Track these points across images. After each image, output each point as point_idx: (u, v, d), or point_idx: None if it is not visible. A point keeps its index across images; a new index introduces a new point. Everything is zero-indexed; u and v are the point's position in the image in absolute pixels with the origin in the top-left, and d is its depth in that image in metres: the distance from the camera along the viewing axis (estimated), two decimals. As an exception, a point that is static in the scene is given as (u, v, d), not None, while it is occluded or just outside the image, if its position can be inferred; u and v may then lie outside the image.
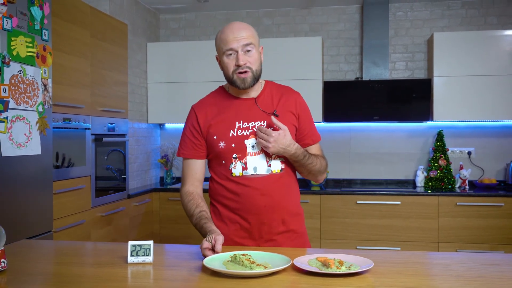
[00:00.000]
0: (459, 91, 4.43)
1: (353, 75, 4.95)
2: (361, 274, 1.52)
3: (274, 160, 1.97)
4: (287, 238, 2.02)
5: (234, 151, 1.95)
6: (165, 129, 5.30)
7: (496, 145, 4.73)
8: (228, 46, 1.91)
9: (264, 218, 1.97)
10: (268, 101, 2.01)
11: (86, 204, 3.39)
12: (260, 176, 1.95)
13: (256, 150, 1.95)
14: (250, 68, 1.92)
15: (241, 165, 1.95)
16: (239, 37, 1.90)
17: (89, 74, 3.44)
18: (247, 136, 1.95)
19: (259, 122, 1.96)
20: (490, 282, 1.46)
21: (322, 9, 5.02)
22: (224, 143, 1.96)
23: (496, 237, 4.12)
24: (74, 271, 1.63)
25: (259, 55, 1.98)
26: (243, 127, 1.96)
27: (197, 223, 1.90)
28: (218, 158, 2.00)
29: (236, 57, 1.91)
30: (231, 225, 2.01)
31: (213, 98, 2.08)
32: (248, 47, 1.91)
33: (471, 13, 4.78)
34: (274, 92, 2.04)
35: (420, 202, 4.23)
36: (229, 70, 1.94)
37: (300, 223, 2.09)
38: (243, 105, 2.01)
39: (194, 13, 5.25)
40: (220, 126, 1.98)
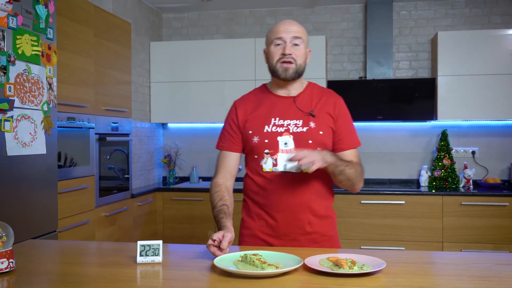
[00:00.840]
0: (463, 91, 4.42)
1: (356, 75, 4.94)
2: (373, 274, 1.51)
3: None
4: (312, 240, 1.99)
5: (267, 146, 1.97)
6: (168, 128, 5.29)
7: (500, 144, 4.71)
8: (278, 35, 1.96)
9: (290, 217, 1.96)
10: (307, 101, 2.02)
11: (90, 204, 3.38)
12: (289, 174, 1.95)
13: (288, 148, 1.95)
14: (294, 59, 1.96)
15: (272, 161, 1.97)
16: (290, 30, 1.96)
17: (93, 73, 3.43)
18: (280, 133, 1.97)
19: (295, 121, 1.97)
20: (504, 282, 1.45)
21: (325, 8, 5.01)
22: (258, 138, 1.98)
23: (501, 237, 4.11)
24: (83, 271, 1.62)
25: (306, 53, 2.01)
26: (278, 124, 1.98)
27: (215, 216, 1.92)
28: (251, 152, 2.02)
29: (283, 46, 1.95)
30: (258, 221, 2.03)
31: (254, 94, 2.13)
32: (296, 40, 1.96)
33: (475, 12, 4.77)
34: (314, 93, 2.05)
35: (424, 201, 4.22)
36: (274, 59, 1.98)
37: (329, 226, 2.04)
38: (282, 102, 2.03)
39: (197, 12, 5.23)
40: (256, 121, 2.02)
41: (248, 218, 2.07)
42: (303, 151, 1.79)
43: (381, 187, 4.58)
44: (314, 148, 1.93)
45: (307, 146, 1.94)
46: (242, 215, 2.11)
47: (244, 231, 2.08)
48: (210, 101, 4.82)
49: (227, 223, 1.84)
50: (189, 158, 5.19)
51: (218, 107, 4.80)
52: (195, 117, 4.88)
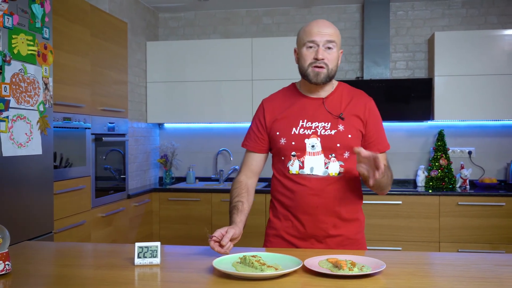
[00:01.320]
0: (460, 91, 4.42)
1: (353, 75, 4.93)
2: (373, 275, 1.50)
3: (333, 163, 1.94)
4: (338, 243, 1.98)
5: (294, 148, 1.96)
6: (164, 128, 5.27)
7: (497, 144, 4.72)
8: (311, 38, 1.91)
9: (316, 219, 1.95)
10: (336, 103, 1.98)
11: (86, 205, 3.36)
12: (316, 177, 1.94)
13: (316, 150, 1.93)
14: (326, 64, 1.92)
15: (299, 164, 1.95)
16: (324, 33, 1.91)
17: (89, 73, 3.41)
18: (308, 136, 1.95)
19: (323, 123, 1.95)
20: (504, 283, 1.45)
21: (322, 8, 5.00)
22: (285, 139, 1.97)
23: (497, 237, 4.11)
24: (80, 273, 1.60)
25: (338, 56, 1.97)
26: (306, 126, 1.96)
27: (230, 211, 1.93)
28: (278, 154, 2.02)
29: (316, 50, 1.91)
30: (284, 222, 2.02)
31: (282, 94, 2.09)
32: (330, 44, 1.91)
33: (472, 13, 4.77)
34: (344, 94, 2.01)
35: (421, 202, 4.22)
36: (306, 62, 1.94)
37: (356, 229, 2.02)
38: (311, 104, 2.00)
39: (193, 12, 5.21)
40: (283, 122, 1.99)
41: (274, 218, 2.06)
42: (381, 163, 1.70)
43: (378, 187, 4.57)
44: (342, 152, 1.93)
45: (335, 150, 1.93)
46: (269, 215, 2.11)
47: (269, 231, 2.08)
48: (207, 101, 4.80)
49: (237, 218, 1.86)
50: (185, 159, 5.18)
51: (215, 107, 4.78)
52: (192, 117, 4.87)
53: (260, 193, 4.35)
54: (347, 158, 1.95)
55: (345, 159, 1.95)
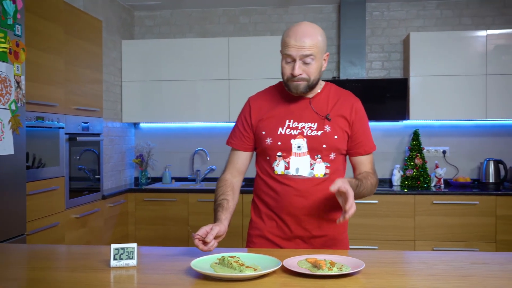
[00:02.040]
0: (435, 91, 4.48)
1: (330, 74, 4.95)
2: (352, 275, 1.50)
3: (319, 164, 1.92)
4: (323, 243, 1.98)
5: (280, 149, 1.94)
6: (140, 128, 5.21)
7: (470, 144, 4.80)
8: (287, 51, 1.85)
9: (300, 220, 1.94)
10: (323, 104, 1.96)
11: (60, 206, 3.29)
12: (301, 178, 1.92)
13: (302, 151, 1.92)
14: (305, 78, 1.87)
15: (284, 164, 1.93)
16: (300, 46, 1.82)
17: (63, 71, 3.34)
18: (294, 136, 1.93)
19: (309, 124, 1.93)
20: (480, 280, 1.46)
21: (298, 8, 5.01)
22: (271, 139, 1.95)
23: (471, 235, 4.17)
24: (54, 276, 1.56)
25: (320, 64, 1.90)
26: (293, 126, 1.94)
27: (215, 209, 1.90)
28: (263, 153, 2.00)
29: (292, 66, 1.85)
30: (268, 222, 2.00)
31: (270, 92, 2.06)
32: (307, 58, 1.84)
33: (446, 14, 4.84)
34: (331, 95, 1.98)
35: (397, 201, 4.26)
36: (284, 75, 1.90)
37: (341, 229, 2.02)
38: (297, 104, 1.97)
39: (169, 11, 5.16)
40: (270, 122, 1.97)
41: (257, 218, 2.04)
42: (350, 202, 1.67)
43: (354, 187, 4.59)
44: (328, 153, 1.92)
45: (321, 151, 1.92)
46: (250, 215, 2.08)
47: (252, 232, 2.05)
48: (183, 100, 4.76)
49: (222, 216, 1.83)
50: (161, 158, 5.13)
51: (191, 107, 4.74)
52: (168, 117, 4.82)
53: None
54: (333, 159, 1.95)
55: (331, 160, 1.94)
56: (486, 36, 4.41)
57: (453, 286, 1.40)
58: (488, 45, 4.40)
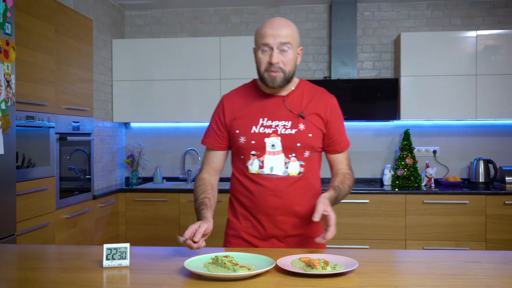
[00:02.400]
0: (425, 91, 4.50)
1: (321, 74, 4.96)
2: (346, 274, 1.50)
3: (293, 163, 1.91)
4: (298, 242, 1.97)
5: (253, 148, 1.92)
6: (131, 128, 5.18)
7: (460, 144, 4.83)
8: (265, 40, 1.85)
9: (275, 219, 1.94)
10: (297, 102, 1.95)
11: (50, 206, 3.26)
12: (275, 177, 1.91)
13: (276, 150, 1.90)
14: (282, 69, 1.87)
15: (258, 163, 1.92)
16: (277, 34, 1.84)
17: (54, 70, 3.31)
18: (268, 134, 1.91)
19: (283, 122, 1.91)
20: (473, 279, 1.47)
21: (290, 7, 5.01)
22: (245, 138, 1.93)
23: (461, 234, 4.20)
24: (46, 276, 1.55)
25: (296, 56, 1.91)
26: (266, 124, 1.92)
27: (197, 208, 1.89)
28: (238, 152, 1.99)
29: (270, 54, 1.86)
30: (244, 222, 2.00)
31: (243, 91, 2.05)
32: (284, 46, 1.85)
33: (436, 14, 4.87)
34: (305, 92, 1.98)
35: (388, 200, 4.27)
36: (261, 66, 1.89)
37: (315, 228, 2.01)
38: (271, 102, 1.96)
39: (160, 10, 5.14)
40: (243, 121, 1.96)
41: (233, 218, 2.03)
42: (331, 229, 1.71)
43: (345, 186, 4.60)
44: (302, 151, 1.91)
45: (295, 149, 1.90)
46: (228, 215, 2.07)
47: (229, 232, 2.04)
48: (174, 100, 4.74)
49: (207, 214, 1.83)
50: (152, 158, 5.11)
51: (182, 107, 4.73)
52: (159, 117, 4.80)
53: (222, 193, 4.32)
54: (307, 158, 1.94)
55: (305, 159, 1.93)
56: (476, 37, 4.44)
57: (446, 285, 1.41)
58: (478, 46, 4.44)
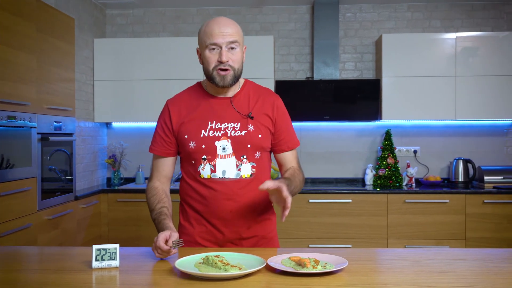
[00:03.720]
0: (406, 92, 4.56)
1: (303, 75, 4.99)
2: (336, 273, 1.51)
3: (244, 165, 1.90)
4: (253, 243, 1.97)
5: (204, 152, 1.90)
6: (112, 128, 5.13)
7: (440, 144, 4.91)
8: (213, 40, 1.84)
9: (230, 223, 1.92)
10: (244, 102, 1.95)
11: (32, 207, 3.21)
12: (228, 180, 1.89)
13: (227, 153, 1.88)
14: (231, 66, 1.87)
15: (210, 167, 1.90)
16: (225, 33, 1.84)
17: (35, 70, 3.27)
18: (218, 138, 1.89)
19: (232, 124, 1.90)
20: (460, 276, 1.50)
21: (273, 8, 5.03)
22: (195, 143, 1.90)
23: (442, 233, 4.27)
24: (35, 278, 1.53)
25: (243, 54, 1.93)
26: (216, 127, 1.90)
27: (156, 218, 1.87)
28: (188, 157, 1.94)
29: (219, 52, 1.85)
30: (197, 227, 1.96)
31: (188, 94, 2.01)
32: (233, 44, 1.86)
33: (416, 16, 4.93)
34: (251, 93, 1.98)
35: (370, 200, 4.32)
36: (210, 65, 1.87)
37: (269, 228, 2.02)
38: (218, 104, 1.94)
39: (142, 9, 5.11)
40: (192, 125, 1.92)
41: (186, 223, 1.99)
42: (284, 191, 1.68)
43: (328, 186, 4.65)
44: (253, 152, 1.91)
45: (246, 151, 1.89)
46: (179, 219, 2.04)
47: (182, 238, 1.98)
48: (156, 100, 4.71)
49: (170, 224, 1.81)
50: (134, 159, 5.07)
51: (165, 107, 4.70)
52: (141, 117, 4.77)
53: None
54: (258, 159, 1.93)
55: (256, 160, 1.93)
56: (455, 39, 4.52)
57: (435, 282, 1.43)
58: (457, 47, 4.51)
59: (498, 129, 4.88)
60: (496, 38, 4.52)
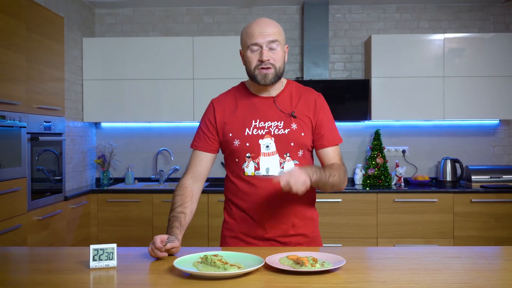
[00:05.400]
0: (395, 92, 4.60)
1: (293, 75, 5.00)
2: (334, 271, 1.53)
3: (288, 163, 1.93)
4: (297, 242, 1.99)
5: (248, 150, 1.93)
6: (101, 128, 5.10)
7: (428, 144, 4.96)
8: (254, 40, 1.88)
9: (273, 220, 1.95)
10: (287, 101, 1.98)
11: (22, 208, 3.19)
12: (272, 177, 1.91)
13: (270, 151, 1.92)
14: (273, 64, 1.90)
15: (254, 165, 1.93)
16: (265, 33, 1.88)
17: (25, 69, 3.24)
18: (262, 136, 1.93)
19: (276, 122, 1.94)
20: (456, 273, 1.52)
21: (263, 8, 5.04)
22: (239, 141, 1.94)
23: (431, 231, 4.31)
24: (32, 279, 1.52)
25: (284, 53, 1.95)
26: (259, 126, 1.94)
27: (170, 219, 1.87)
28: (232, 155, 1.98)
29: (260, 52, 1.89)
30: (242, 224, 1.99)
31: (232, 94, 2.05)
32: (273, 44, 1.89)
33: (405, 17, 4.98)
34: (294, 92, 2.01)
35: (360, 199, 4.35)
36: (252, 65, 1.91)
37: (312, 227, 2.04)
38: (262, 103, 1.98)
39: (131, 9, 5.08)
40: (236, 124, 1.96)
41: (230, 219, 2.03)
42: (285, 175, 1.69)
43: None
44: (296, 150, 1.93)
45: (289, 149, 1.92)
46: (224, 216, 2.07)
47: (226, 233, 2.03)
48: (146, 100, 4.70)
49: (178, 232, 1.80)
50: (124, 159, 5.04)
51: (154, 106, 4.69)
52: (130, 117, 4.75)
53: (203, 193, 4.31)
54: (301, 157, 1.97)
55: (299, 158, 1.96)
56: (443, 40, 4.57)
57: (431, 279, 1.45)
58: (445, 48, 4.56)
59: (485, 129, 4.94)
60: (482, 40, 4.58)
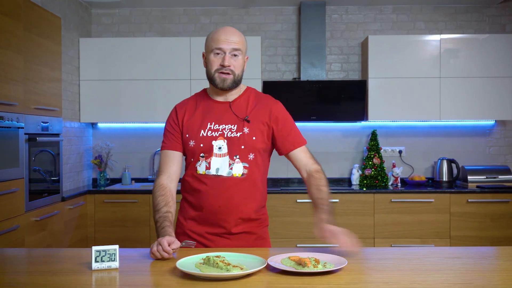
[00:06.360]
0: (392, 93, 4.62)
1: (290, 75, 5.01)
2: (336, 272, 1.53)
3: (237, 164, 2.01)
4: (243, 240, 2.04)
5: (202, 150, 2.03)
6: (98, 128, 5.09)
7: (425, 144, 4.98)
8: (219, 45, 2.00)
9: (219, 218, 2.02)
10: (243, 107, 2.08)
11: (19, 208, 3.17)
12: (220, 177, 2.00)
13: (222, 152, 2.01)
14: (232, 71, 2.01)
15: (205, 164, 2.02)
16: (230, 41, 2.00)
17: (22, 69, 3.22)
18: (215, 138, 2.02)
19: (229, 125, 2.03)
20: (457, 274, 1.53)
21: (259, 9, 5.04)
22: (194, 142, 2.04)
23: (427, 232, 4.33)
24: (35, 280, 1.52)
25: (244, 62, 2.07)
26: (214, 128, 2.04)
27: (159, 220, 1.91)
28: (189, 155, 2.08)
29: (223, 57, 2.00)
30: (189, 221, 2.07)
31: (194, 99, 2.17)
32: (236, 52, 2.01)
33: (401, 18, 5.00)
34: (251, 98, 2.11)
35: (357, 199, 4.36)
36: (213, 68, 2.03)
37: (257, 228, 2.09)
38: (218, 107, 2.08)
39: (128, 9, 5.08)
40: (192, 125, 2.07)
41: (181, 217, 2.12)
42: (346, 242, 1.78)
43: (315, 186, 4.67)
44: (247, 153, 2.00)
45: (239, 151, 2.00)
46: (177, 214, 2.15)
47: (177, 230, 2.11)
48: (143, 100, 4.70)
49: (172, 233, 1.84)
50: (120, 159, 5.03)
51: (151, 107, 4.69)
52: (127, 117, 4.74)
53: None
54: (252, 160, 2.03)
55: (249, 161, 2.02)
56: (439, 40, 4.59)
57: (433, 279, 1.46)
58: (441, 49, 4.59)
59: (481, 129, 4.97)
60: (478, 41, 4.60)
